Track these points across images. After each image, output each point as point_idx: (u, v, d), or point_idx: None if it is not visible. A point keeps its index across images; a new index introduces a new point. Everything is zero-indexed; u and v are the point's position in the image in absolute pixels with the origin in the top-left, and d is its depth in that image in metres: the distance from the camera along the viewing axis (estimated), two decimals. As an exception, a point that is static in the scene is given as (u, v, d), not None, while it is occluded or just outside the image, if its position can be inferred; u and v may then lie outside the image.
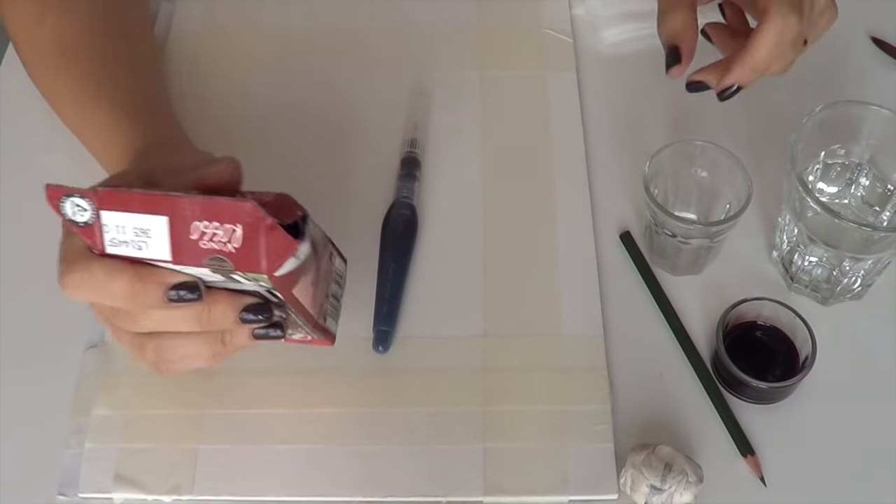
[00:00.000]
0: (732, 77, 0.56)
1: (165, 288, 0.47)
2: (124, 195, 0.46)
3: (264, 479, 0.57)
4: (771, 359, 0.60)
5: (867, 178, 0.63)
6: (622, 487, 0.56)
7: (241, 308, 0.49)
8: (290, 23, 0.78)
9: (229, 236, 0.46)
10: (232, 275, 0.46)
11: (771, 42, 0.54)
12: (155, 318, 0.49)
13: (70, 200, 0.46)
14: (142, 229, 0.46)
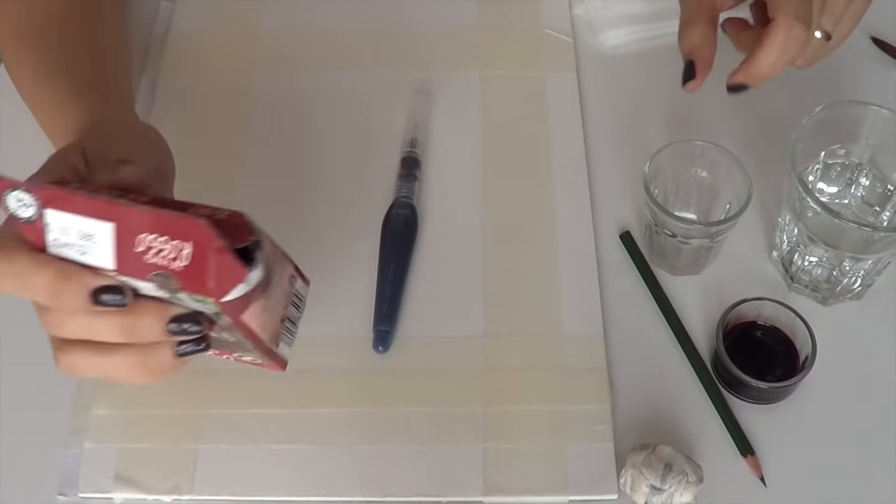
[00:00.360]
0: (739, 77, 0.57)
1: (90, 290, 0.44)
2: (70, 196, 0.44)
3: (264, 478, 0.57)
4: (771, 359, 0.60)
5: (867, 178, 0.63)
6: (622, 487, 0.56)
7: (170, 318, 0.45)
8: (290, 23, 0.78)
9: (177, 253, 0.43)
10: (178, 294, 0.44)
11: (774, 53, 0.55)
12: (79, 323, 0.46)
13: (14, 194, 0.44)
14: (86, 234, 0.44)
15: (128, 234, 0.43)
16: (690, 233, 0.60)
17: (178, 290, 0.43)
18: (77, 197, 0.44)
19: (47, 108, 0.61)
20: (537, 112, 0.73)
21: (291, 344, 0.50)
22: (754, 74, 0.56)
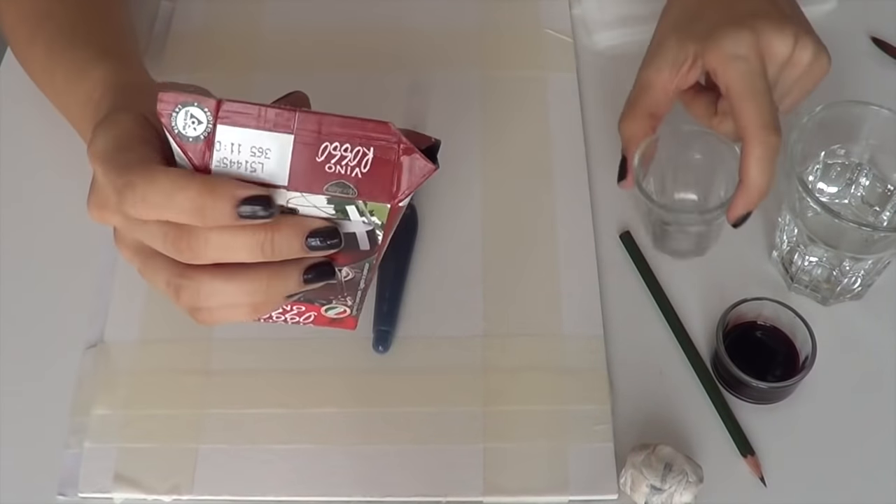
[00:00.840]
0: (740, 209, 0.58)
1: (236, 201, 0.42)
2: (249, 107, 0.41)
3: (264, 478, 0.57)
4: (771, 359, 0.60)
5: (867, 178, 0.63)
6: (622, 487, 0.56)
7: (309, 232, 0.44)
8: (290, 23, 0.78)
9: (358, 160, 0.41)
10: (345, 206, 0.42)
11: (761, 171, 0.56)
12: (214, 244, 0.43)
13: (186, 110, 0.41)
14: (261, 148, 0.41)
15: (307, 145, 0.42)
16: (683, 220, 0.61)
17: (353, 199, 0.42)
18: (259, 108, 0.41)
19: (67, 75, 0.58)
20: (537, 112, 0.73)
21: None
22: (751, 200, 0.57)
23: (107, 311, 0.63)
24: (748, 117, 0.56)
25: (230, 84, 0.74)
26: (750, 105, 0.56)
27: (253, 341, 0.62)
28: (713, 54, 0.57)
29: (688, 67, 0.59)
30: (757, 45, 0.57)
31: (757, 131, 0.55)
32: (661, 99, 0.61)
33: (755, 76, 0.56)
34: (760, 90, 0.56)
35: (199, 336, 0.62)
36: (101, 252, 0.66)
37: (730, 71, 0.57)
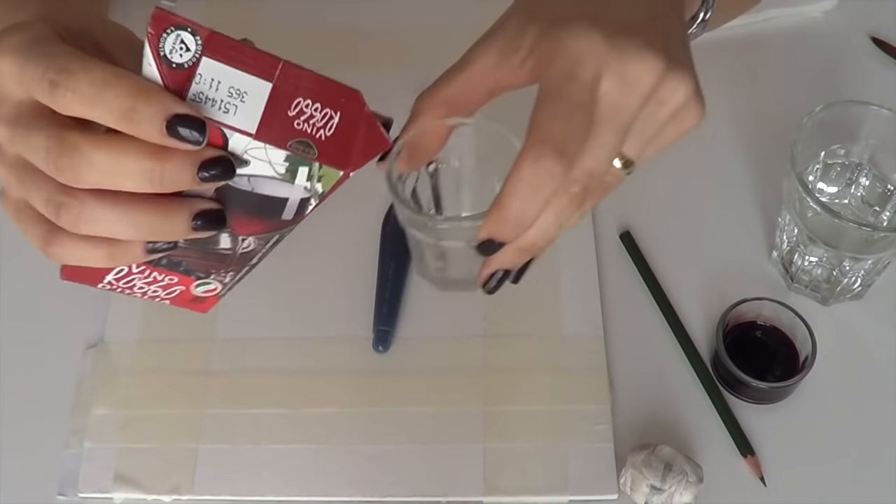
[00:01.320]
0: (483, 232, 0.44)
1: (167, 115, 0.38)
2: (239, 47, 0.39)
3: (264, 478, 0.57)
4: (771, 359, 0.60)
5: (867, 178, 0.63)
6: (622, 487, 0.56)
7: (202, 162, 0.40)
8: (290, 23, 0.78)
9: (325, 122, 0.41)
10: (299, 167, 0.42)
11: (520, 194, 0.42)
12: (98, 166, 0.40)
13: (177, 34, 0.39)
14: (238, 91, 0.40)
15: (283, 97, 0.41)
16: (423, 230, 0.49)
17: (312, 159, 0.42)
18: (244, 48, 0.40)
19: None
20: (537, 112, 0.72)
21: None
22: (498, 228, 0.43)
23: (107, 311, 0.63)
24: (532, 125, 0.43)
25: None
26: (543, 112, 0.43)
27: (253, 341, 0.62)
28: (547, 45, 0.45)
29: (520, 59, 0.46)
30: (605, 56, 0.43)
31: (533, 145, 0.42)
32: (475, 85, 0.48)
33: (573, 83, 0.43)
34: (568, 101, 0.43)
35: (199, 336, 0.62)
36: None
37: (550, 67, 0.44)
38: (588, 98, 0.43)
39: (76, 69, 0.39)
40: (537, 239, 0.45)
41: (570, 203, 0.44)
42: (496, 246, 0.44)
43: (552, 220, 0.45)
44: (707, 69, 0.68)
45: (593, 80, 0.43)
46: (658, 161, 0.70)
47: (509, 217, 0.43)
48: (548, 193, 0.43)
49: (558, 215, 0.44)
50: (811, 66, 0.74)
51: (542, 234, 0.45)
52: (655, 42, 0.44)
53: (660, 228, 0.67)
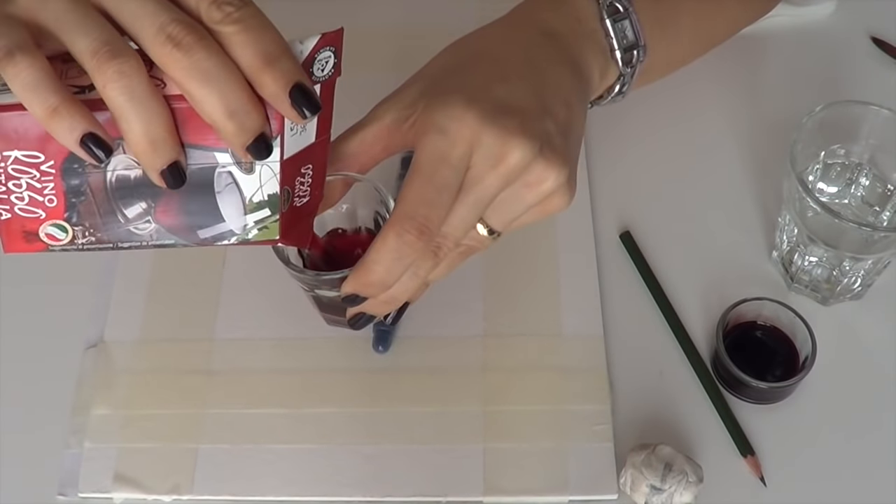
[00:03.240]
0: (349, 287, 0.47)
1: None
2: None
3: (264, 478, 0.57)
4: (771, 359, 0.60)
5: (867, 178, 0.63)
6: (622, 487, 0.56)
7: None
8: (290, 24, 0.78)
9: (304, 193, 0.46)
10: (267, 207, 0.44)
11: (385, 259, 0.46)
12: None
13: (329, 53, 0.47)
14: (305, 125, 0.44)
15: (313, 153, 0.46)
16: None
17: (277, 212, 0.44)
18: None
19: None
20: (537, 112, 0.72)
21: None
22: (364, 285, 0.47)
23: (107, 311, 0.63)
24: (401, 199, 0.45)
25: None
26: (412, 188, 0.45)
27: (253, 341, 0.62)
28: (423, 119, 0.47)
29: (408, 127, 0.48)
30: (478, 134, 0.45)
31: (399, 219, 0.45)
32: (370, 145, 0.50)
33: (443, 163, 0.45)
34: (436, 182, 0.45)
35: (199, 336, 0.62)
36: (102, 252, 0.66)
37: (423, 142, 0.46)
38: (454, 179, 0.45)
39: None
40: (398, 294, 0.49)
41: (432, 265, 0.48)
42: (360, 299, 0.48)
43: (412, 280, 0.48)
44: (707, 69, 0.69)
45: (462, 156, 0.45)
46: (658, 161, 0.70)
47: (372, 280, 0.46)
48: (409, 262, 0.46)
49: (418, 275, 0.48)
50: (811, 66, 0.74)
51: (403, 290, 0.48)
52: (532, 126, 0.46)
53: (660, 228, 0.67)
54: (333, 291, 0.51)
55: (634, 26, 0.54)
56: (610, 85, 0.56)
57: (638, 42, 0.54)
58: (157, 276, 0.65)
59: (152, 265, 0.65)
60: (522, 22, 0.53)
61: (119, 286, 0.64)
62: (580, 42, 0.53)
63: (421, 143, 0.46)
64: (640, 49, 0.54)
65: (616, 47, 0.54)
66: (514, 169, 0.46)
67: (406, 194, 0.45)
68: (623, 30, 0.54)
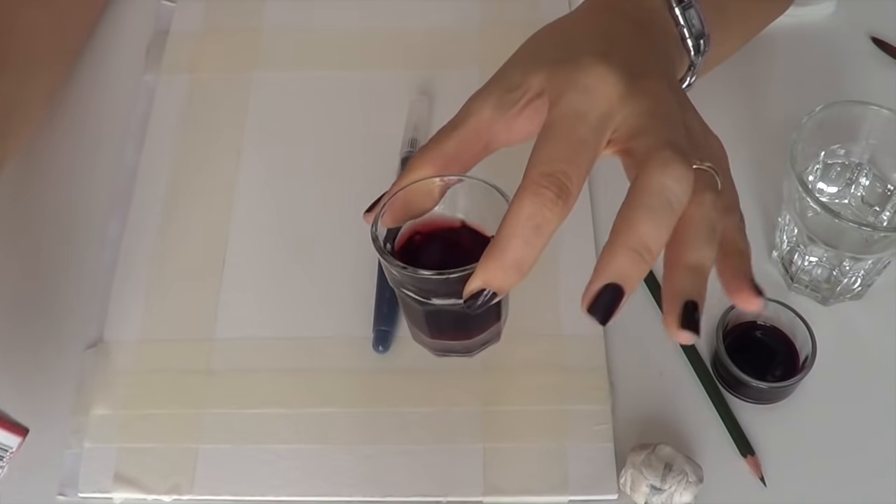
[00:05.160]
0: (478, 278, 0.41)
1: None
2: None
3: (264, 478, 0.57)
4: (771, 359, 0.60)
5: (867, 178, 0.63)
6: (622, 487, 0.56)
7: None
8: (291, 23, 0.78)
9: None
10: None
11: (523, 230, 0.41)
12: None
13: None
14: None
15: None
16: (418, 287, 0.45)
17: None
18: None
19: None
20: (537, 112, 0.72)
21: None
22: (497, 269, 0.41)
23: (106, 310, 0.63)
24: (534, 158, 0.41)
25: (230, 84, 0.74)
26: (546, 144, 0.41)
27: (253, 341, 0.62)
28: (557, 83, 0.43)
29: (522, 105, 0.45)
30: (621, 93, 0.42)
31: (532, 179, 0.40)
32: (471, 142, 0.47)
33: (581, 120, 0.42)
34: (574, 136, 0.41)
35: (199, 336, 0.62)
36: (102, 252, 0.66)
37: (559, 102, 0.42)
38: (593, 139, 0.42)
39: None
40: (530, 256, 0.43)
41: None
42: (489, 298, 0.42)
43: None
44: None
45: (602, 116, 0.42)
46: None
47: (508, 260, 0.41)
48: (551, 229, 0.41)
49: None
50: (811, 66, 0.74)
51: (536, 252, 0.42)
52: (667, 88, 0.45)
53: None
54: (450, 298, 0.44)
55: (700, 14, 0.53)
56: (681, 76, 0.55)
57: (704, 30, 0.53)
58: (156, 276, 0.65)
59: (152, 265, 0.65)
60: (604, 9, 0.51)
61: (119, 286, 0.64)
62: (660, 30, 0.52)
63: (555, 105, 0.42)
64: (705, 38, 0.53)
65: (687, 35, 0.52)
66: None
67: (540, 155, 0.41)
68: (691, 18, 0.52)
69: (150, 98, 0.73)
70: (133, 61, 0.75)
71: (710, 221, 0.42)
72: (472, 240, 0.47)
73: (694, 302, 0.42)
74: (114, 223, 0.67)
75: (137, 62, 0.75)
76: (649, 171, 0.40)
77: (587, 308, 0.42)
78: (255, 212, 0.68)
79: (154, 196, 0.68)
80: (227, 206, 0.67)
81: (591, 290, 0.42)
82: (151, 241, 0.66)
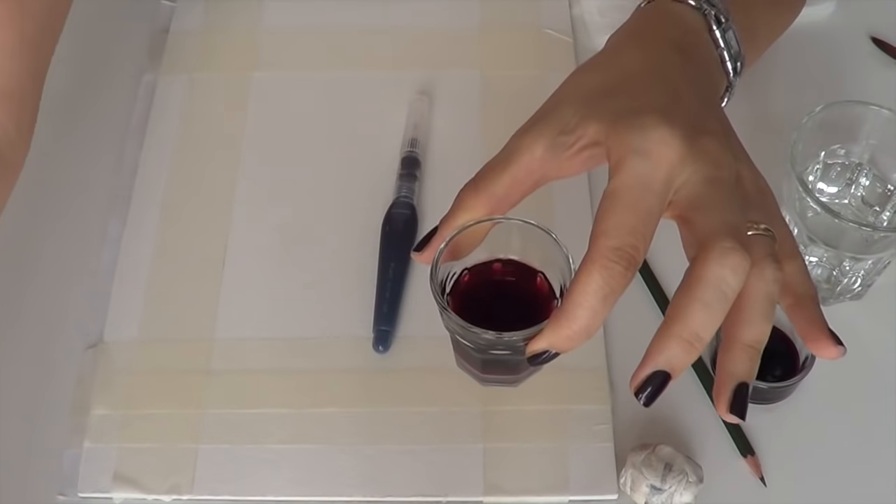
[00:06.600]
0: (543, 342, 0.43)
1: None
2: None
3: (264, 478, 0.57)
4: (771, 359, 0.60)
5: (867, 178, 0.63)
6: (622, 487, 0.56)
7: None
8: (290, 23, 0.78)
9: None
10: None
11: (591, 301, 0.41)
12: None
13: None
14: None
15: None
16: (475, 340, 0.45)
17: None
18: None
19: None
20: (537, 112, 0.72)
21: None
22: (563, 337, 0.42)
23: (106, 310, 0.63)
24: (601, 229, 0.41)
25: (230, 84, 0.74)
26: (614, 215, 0.41)
27: (253, 341, 0.62)
28: (618, 139, 0.43)
29: (576, 150, 0.45)
30: (683, 158, 0.42)
31: (602, 252, 0.41)
32: (521, 180, 0.46)
33: (647, 190, 0.42)
34: (641, 207, 0.42)
35: (199, 336, 0.62)
36: (102, 252, 0.66)
37: (623, 166, 0.42)
38: (658, 206, 0.42)
39: None
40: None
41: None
42: (552, 356, 0.43)
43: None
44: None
45: (665, 181, 0.42)
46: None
47: (575, 329, 0.41)
48: (615, 299, 0.41)
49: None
50: (811, 66, 0.74)
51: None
52: (724, 141, 0.45)
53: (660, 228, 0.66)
54: (511, 352, 0.44)
55: (736, 35, 0.52)
56: (721, 96, 0.54)
57: (740, 51, 0.53)
58: (156, 275, 0.65)
59: (152, 265, 0.65)
60: (650, 38, 0.51)
61: (118, 286, 0.64)
62: (702, 55, 0.51)
63: (619, 168, 0.42)
64: (741, 59, 0.53)
65: (727, 58, 0.52)
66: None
67: (607, 225, 0.41)
68: (730, 40, 0.52)
69: (150, 98, 0.73)
70: (133, 61, 0.75)
71: (769, 296, 0.43)
72: (522, 275, 0.47)
73: (746, 384, 0.43)
74: (114, 223, 0.67)
75: (137, 62, 0.75)
76: (708, 261, 0.40)
77: (635, 391, 0.43)
78: (254, 211, 0.68)
79: (154, 196, 0.68)
80: (226, 206, 0.68)
81: (640, 375, 0.42)
82: (151, 240, 0.66)
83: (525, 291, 0.43)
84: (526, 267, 0.47)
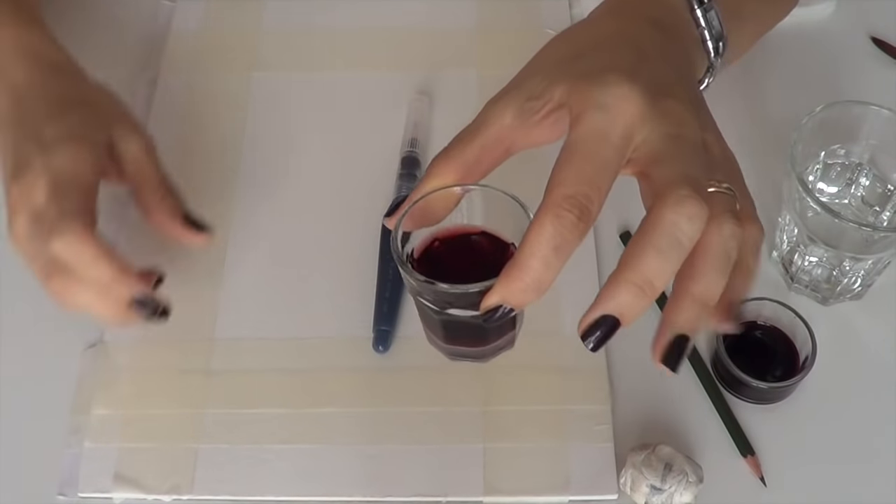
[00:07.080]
0: (496, 295, 0.41)
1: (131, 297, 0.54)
2: None
3: (264, 478, 0.57)
4: (771, 359, 0.60)
5: (867, 178, 0.63)
6: (622, 487, 0.56)
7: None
8: (290, 23, 0.78)
9: None
10: None
11: (543, 251, 0.40)
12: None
13: None
14: None
15: None
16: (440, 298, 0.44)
17: None
18: None
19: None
20: (537, 112, 0.72)
21: None
22: (519, 287, 0.41)
23: (107, 310, 0.63)
24: (556, 179, 0.41)
25: (230, 84, 0.74)
26: (569, 165, 0.41)
27: (253, 341, 0.62)
28: (578, 97, 0.43)
29: (543, 114, 0.45)
30: (643, 114, 0.42)
31: (555, 201, 0.40)
32: (491, 148, 0.46)
33: (605, 141, 0.42)
34: (597, 158, 0.41)
35: (199, 336, 0.62)
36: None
37: (581, 120, 0.42)
38: (615, 159, 0.42)
39: (73, 239, 0.54)
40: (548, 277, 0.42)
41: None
42: (507, 313, 0.42)
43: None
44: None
45: (623, 135, 0.42)
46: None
47: (527, 281, 0.41)
48: (569, 250, 0.40)
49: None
50: (811, 66, 0.74)
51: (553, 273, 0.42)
52: (690, 108, 0.44)
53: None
54: (468, 310, 0.44)
55: (719, 16, 0.52)
56: (700, 77, 0.54)
57: (723, 32, 0.53)
58: (157, 276, 0.65)
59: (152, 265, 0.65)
60: (628, 12, 0.51)
61: (119, 286, 0.64)
62: (681, 32, 0.51)
63: (577, 123, 0.42)
64: (724, 40, 0.53)
65: (708, 38, 0.52)
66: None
67: (562, 175, 0.41)
68: (711, 20, 0.52)
69: (150, 98, 0.73)
70: (133, 61, 0.75)
71: (726, 252, 0.42)
72: (492, 245, 0.47)
73: (685, 336, 0.42)
74: (114, 223, 0.67)
75: (137, 62, 0.75)
76: (663, 207, 0.40)
77: (582, 335, 0.42)
78: (255, 212, 0.68)
79: (154, 196, 0.68)
80: (226, 206, 0.68)
81: (588, 319, 0.42)
82: (152, 240, 0.66)
83: (494, 261, 0.43)
84: (497, 238, 0.47)
